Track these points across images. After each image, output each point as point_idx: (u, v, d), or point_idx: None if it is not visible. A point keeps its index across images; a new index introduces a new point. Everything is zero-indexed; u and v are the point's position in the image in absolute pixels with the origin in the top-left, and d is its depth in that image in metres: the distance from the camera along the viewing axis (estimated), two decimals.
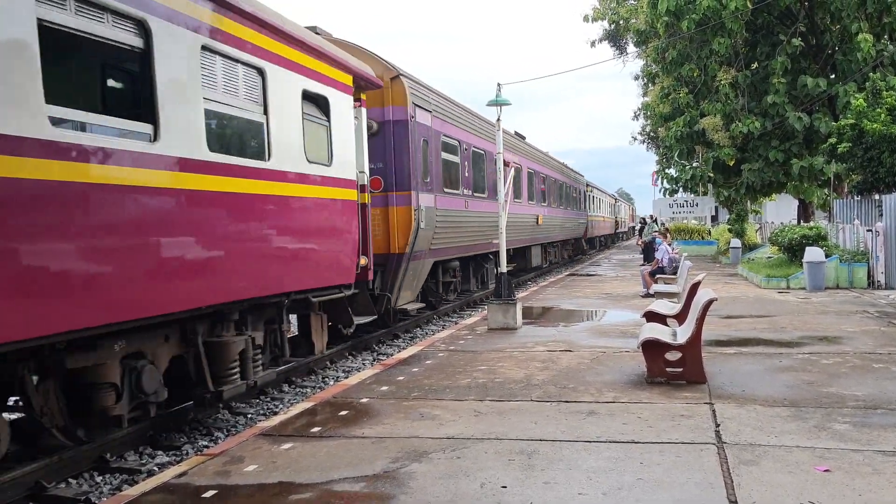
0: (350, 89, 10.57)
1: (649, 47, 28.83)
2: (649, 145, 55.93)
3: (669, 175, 32.04)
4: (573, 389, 7.75)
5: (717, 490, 4.78)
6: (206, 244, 7.18)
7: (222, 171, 7.42)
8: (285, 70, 8.70)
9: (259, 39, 8.17)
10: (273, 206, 8.35)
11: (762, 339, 10.71)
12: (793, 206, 37.39)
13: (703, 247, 37.34)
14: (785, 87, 24.09)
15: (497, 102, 13.22)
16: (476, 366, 9.22)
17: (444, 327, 15.34)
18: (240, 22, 7.84)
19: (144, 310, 6.44)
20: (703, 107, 26.79)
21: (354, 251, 10.48)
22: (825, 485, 4.83)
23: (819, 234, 20.18)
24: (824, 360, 8.94)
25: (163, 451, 7.48)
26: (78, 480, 6.63)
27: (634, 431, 6.16)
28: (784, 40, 24.22)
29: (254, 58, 8.07)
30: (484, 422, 6.62)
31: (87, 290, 5.79)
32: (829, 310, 13.88)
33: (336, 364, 11.72)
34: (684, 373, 7.92)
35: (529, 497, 4.77)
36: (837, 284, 18.25)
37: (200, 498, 5.02)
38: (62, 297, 5.56)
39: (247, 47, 7.94)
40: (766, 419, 6.41)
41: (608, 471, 5.22)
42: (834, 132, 20.34)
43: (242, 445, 6.19)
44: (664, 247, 18.60)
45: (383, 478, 5.25)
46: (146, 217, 6.42)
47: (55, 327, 5.54)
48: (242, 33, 7.88)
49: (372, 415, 7.03)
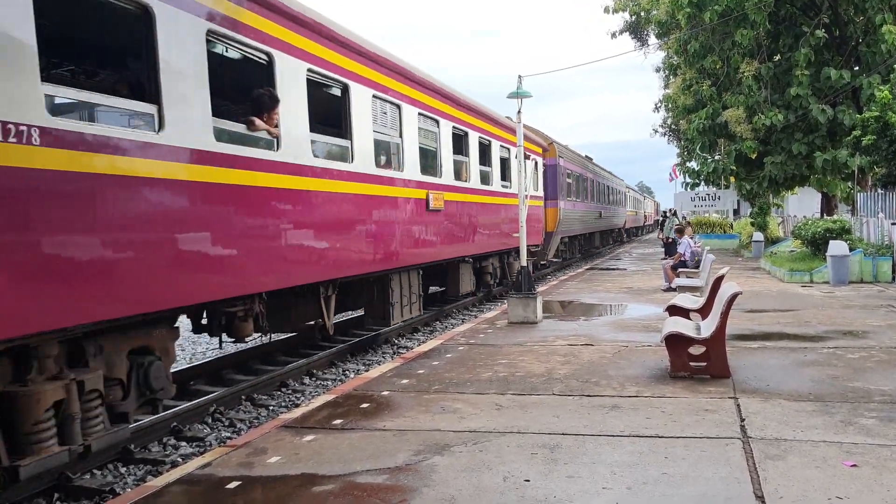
0: (540, 154, 23.95)
1: (671, 39, 28.60)
2: (670, 138, 55.56)
3: (691, 168, 31.80)
4: (595, 384, 7.71)
5: (744, 485, 4.73)
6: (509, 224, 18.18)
7: (502, 195, 18.29)
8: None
9: (505, 137, 18.47)
10: (531, 211, 19.01)
11: (786, 333, 10.61)
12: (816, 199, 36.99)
13: (724, 240, 37.05)
14: (808, 79, 23.80)
15: (517, 94, 13.17)
16: (497, 360, 9.19)
17: (463, 321, 15.31)
18: (503, 130, 18.49)
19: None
20: (725, 99, 26.54)
21: (542, 229, 23.14)
22: (853, 480, 4.77)
23: (843, 227, 19.96)
24: (849, 355, 8.84)
25: (186, 442, 7.53)
26: (102, 471, 6.69)
27: (658, 426, 6.11)
28: (807, 32, 23.92)
29: (512, 147, 17.97)
30: (506, 415, 6.60)
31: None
32: (853, 304, 13.73)
33: (356, 357, 11.74)
34: (708, 367, 7.85)
35: (553, 491, 4.75)
36: (861, 278, 18.04)
37: (224, 489, 5.04)
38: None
39: (503, 142, 18.60)
40: (791, 414, 6.34)
41: (632, 465, 5.18)
42: (858, 124, 20.07)
43: (265, 437, 6.21)
44: (686, 240, 18.47)
45: (405, 470, 5.24)
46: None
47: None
48: (506, 136, 18.27)
49: (393, 408, 7.03)
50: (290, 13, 8.60)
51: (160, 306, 6.66)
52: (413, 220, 12.45)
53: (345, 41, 9.98)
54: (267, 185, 8.14)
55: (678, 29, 27.26)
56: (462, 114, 15.45)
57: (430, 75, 13.64)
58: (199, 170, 6.98)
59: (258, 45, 8.02)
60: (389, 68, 11.51)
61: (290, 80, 8.64)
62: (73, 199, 5.61)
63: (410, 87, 12.46)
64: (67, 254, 5.57)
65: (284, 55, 8.49)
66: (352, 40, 10.18)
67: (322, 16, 9.46)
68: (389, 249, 11.51)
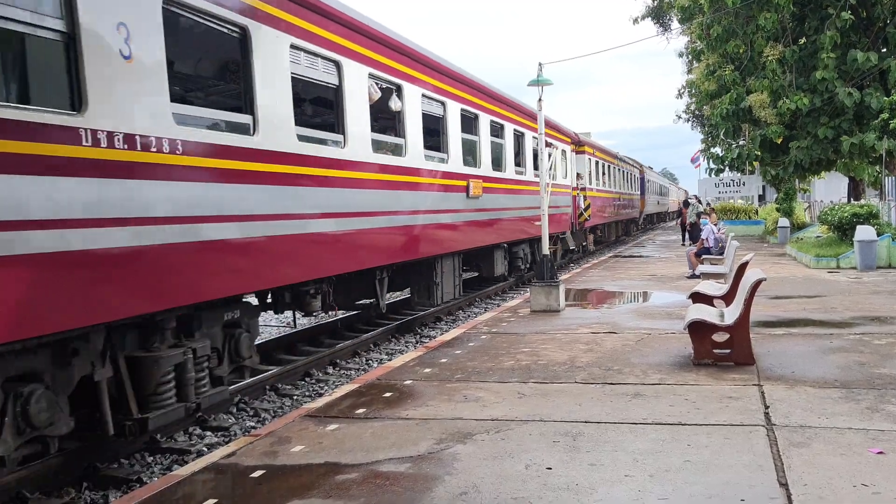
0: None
1: (694, 24, 28.26)
2: (693, 124, 55.03)
3: (715, 154, 31.50)
4: (618, 371, 7.69)
5: (767, 472, 4.70)
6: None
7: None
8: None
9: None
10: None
11: (812, 319, 10.50)
12: (843, 184, 36.56)
13: (749, 227, 36.69)
14: (834, 63, 23.43)
15: (538, 82, 13.10)
16: (519, 348, 9.19)
17: (486, 310, 15.32)
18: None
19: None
20: (749, 84, 26.21)
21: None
22: (879, 467, 4.72)
23: (870, 212, 19.70)
24: (876, 341, 8.74)
25: (211, 431, 7.61)
26: (129, 460, 6.78)
27: (681, 413, 6.08)
28: (833, 14, 23.52)
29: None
30: (528, 404, 6.60)
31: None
32: (880, 290, 13.55)
33: (380, 346, 11.79)
34: (732, 354, 7.80)
35: (575, 478, 4.75)
36: (889, 264, 17.80)
37: (249, 477, 5.09)
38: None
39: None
40: (816, 401, 6.28)
41: (655, 452, 5.17)
42: (886, 107, 19.78)
43: (289, 426, 6.26)
44: (710, 227, 18.31)
45: (428, 459, 5.26)
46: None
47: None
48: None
49: (415, 397, 7.05)
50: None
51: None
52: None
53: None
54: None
55: (701, 13, 26.94)
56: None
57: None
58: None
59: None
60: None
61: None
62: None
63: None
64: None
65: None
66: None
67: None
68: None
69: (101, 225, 5.67)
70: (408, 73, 11.61)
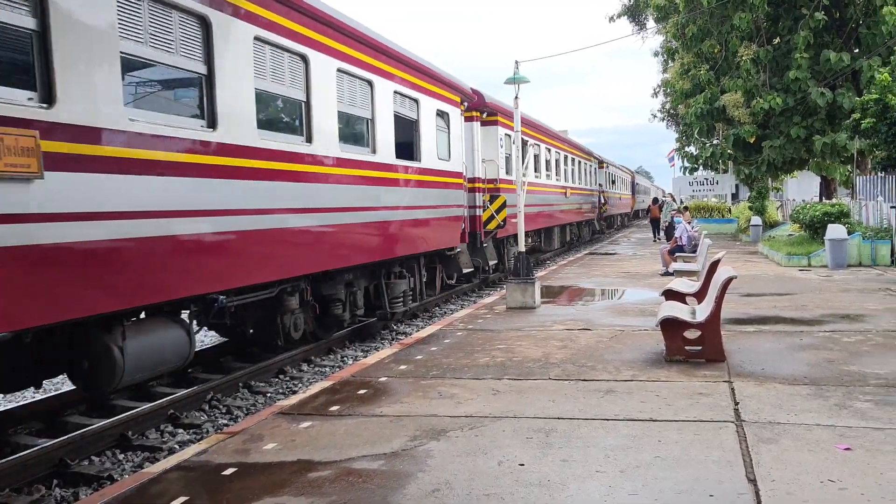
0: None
1: (669, 23, 28.47)
2: (669, 123, 55.39)
3: (689, 153, 31.76)
4: (591, 368, 7.74)
5: (736, 468, 4.75)
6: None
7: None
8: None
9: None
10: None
11: (783, 317, 10.63)
12: (815, 183, 36.99)
13: (723, 225, 37.06)
14: (807, 63, 23.71)
15: (515, 80, 13.12)
16: (495, 345, 9.22)
17: (462, 307, 15.34)
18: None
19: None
20: (723, 83, 26.46)
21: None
22: (846, 463, 4.79)
23: (841, 211, 19.95)
24: (846, 339, 8.86)
25: (183, 429, 7.56)
26: (100, 458, 6.73)
27: (653, 409, 6.14)
28: (807, 14, 23.81)
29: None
30: (502, 400, 6.62)
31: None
32: (851, 287, 13.75)
33: (354, 343, 11.77)
34: (703, 351, 7.87)
35: (547, 474, 4.78)
36: (860, 262, 18.05)
37: (221, 475, 5.06)
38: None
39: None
40: (785, 397, 6.36)
41: (626, 448, 5.21)
42: (858, 108, 20.02)
43: (262, 424, 6.23)
44: (683, 225, 18.47)
45: (401, 456, 5.27)
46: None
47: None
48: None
49: (390, 394, 7.05)
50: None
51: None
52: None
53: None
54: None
55: (676, 12, 27.15)
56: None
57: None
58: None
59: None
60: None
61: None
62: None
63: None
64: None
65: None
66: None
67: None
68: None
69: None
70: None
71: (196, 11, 7.22)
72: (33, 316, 5.46)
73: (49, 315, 5.60)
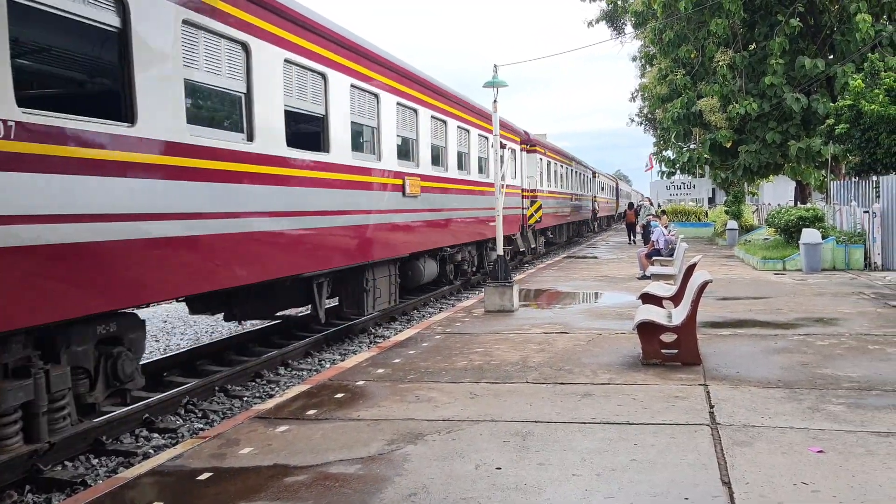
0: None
1: (647, 28, 28.70)
2: (646, 127, 55.82)
3: (666, 157, 32.01)
4: (569, 371, 7.77)
5: (711, 471, 4.79)
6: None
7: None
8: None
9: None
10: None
11: (758, 320, 10.73)
12: (790, 187, 37.37)
13: (700, 229, 37.34)
14: (783, 68, 24.00)
15: (493, 84, 13.16)
16: (472, 348, 9.23)
17: (441, 310, 15.34)
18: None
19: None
20: (700, 88, 26.72)
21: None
22: (818, 465, 4.84)
23: (816, 215, 20.18)
24: (819, 342, 8.96)
25: (158, 433, 7.50)
26: (74, 463, 6.65)
27: (629, 413, 6.17)
28: (782, 21, 24.10)
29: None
30: (479, 404, 6.63)
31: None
32: (825, 291, 13.90)
33: (332, 347, 11.73)
34: (679, 354, 7.93)
35: (524, 478, 4.79)
36: (834, 266, 18.26)
37: (195, 480, 5.03)
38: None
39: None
40: (760, 400, 6.42)
41: (602, 452, 5.23)
42: (832, 113, 20.30)
43: (238, 428, 6.19)
44: (660, 229, 18.60)
45: (378, 460, 5.26)
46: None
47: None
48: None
49: (368, 397, 7.04)
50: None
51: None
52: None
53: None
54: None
55: (654, 18, 27.37)
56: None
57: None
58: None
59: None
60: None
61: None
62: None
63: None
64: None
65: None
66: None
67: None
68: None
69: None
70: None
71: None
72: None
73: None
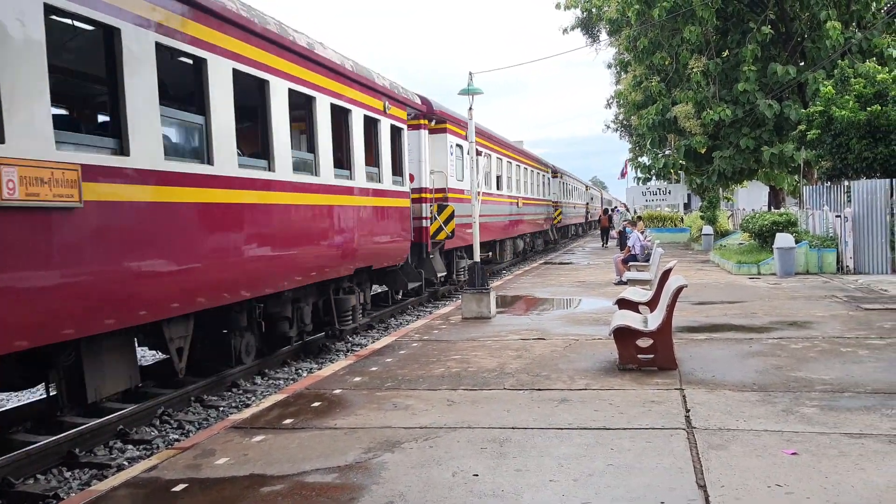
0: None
1: (621, 36, 28.92)
2: (622, 133, 56.21)
3: (642, 164, 32.24)
4: (546, 377, 7.78)
5: (687, 475, 4.82)
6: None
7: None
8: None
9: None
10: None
11: (733, 324, 10.82)
12: (764, 192, 37.78)
13: (675, 234, 37.64)
14: (755, 75, 24.28)
15: (469, 91, 13.18)
16: (450, 355, 9.22)
17: (418, 317, 15.33)
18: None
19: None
20: (674, 95, 26.94)
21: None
22: (792, 468, 4.88)
23: (789, 220, 20.41)
24: (793, 345, 9.05)
25: (133, 445, 7.42)
26: (46, 476, 6.56)
27: (606, 418, 6.19)
28: (754, 28, 24.37)
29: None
30: (457, 411, 6.62)
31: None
32: (798, 295, 14.05)
33: (310, 356, 11.67)
34: (655, 359, 7.97)
35: (501, 485, 4.79)
36: (807, 270, 18.46)
37: (170, 492, 4.97)
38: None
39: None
40: (735, 404, 6.47)
41: (579, 457, 5.25)
42: (803, 119, 20.54)
43: (213, 438, 6.14)
44: (636, 234, 18.72)
45: (355, 468, 5.23)
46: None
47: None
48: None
49: (345, 406, 7.01)
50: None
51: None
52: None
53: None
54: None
55: (628, 25, 27.59)
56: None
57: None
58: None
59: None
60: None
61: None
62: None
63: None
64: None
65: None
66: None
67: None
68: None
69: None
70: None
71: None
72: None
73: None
